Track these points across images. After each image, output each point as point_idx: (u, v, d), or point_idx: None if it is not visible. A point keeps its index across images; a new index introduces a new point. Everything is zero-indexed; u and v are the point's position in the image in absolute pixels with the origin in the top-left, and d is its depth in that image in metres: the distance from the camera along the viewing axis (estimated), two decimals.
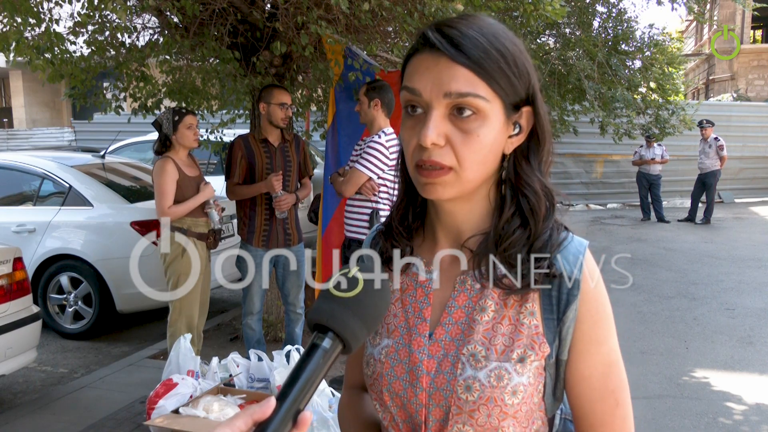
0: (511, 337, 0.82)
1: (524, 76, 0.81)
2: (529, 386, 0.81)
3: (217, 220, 3.73)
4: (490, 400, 0.80)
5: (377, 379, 0.89)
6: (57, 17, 4.27)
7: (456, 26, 0.79)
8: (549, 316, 0.83)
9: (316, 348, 0.67)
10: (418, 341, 0.86)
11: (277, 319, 4.66)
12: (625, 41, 8.79)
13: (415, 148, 0.80)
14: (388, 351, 0.89)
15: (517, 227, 0.84)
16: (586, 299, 0.82)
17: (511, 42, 0.81)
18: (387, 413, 0.89)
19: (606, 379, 0.84)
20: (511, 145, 0.84)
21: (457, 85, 0.77)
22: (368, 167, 3.36)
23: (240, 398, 3.12)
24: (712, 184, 10.57)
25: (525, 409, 0.82)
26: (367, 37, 4.67)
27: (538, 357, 0.82)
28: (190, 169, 3.73)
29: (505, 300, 0.84)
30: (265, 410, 0.63)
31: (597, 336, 0.83)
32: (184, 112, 3.67)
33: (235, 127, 6.02)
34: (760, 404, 3.66)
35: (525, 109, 0.83)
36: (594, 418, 0.84)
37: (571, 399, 0.86)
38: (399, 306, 0.91)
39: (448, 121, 0.79)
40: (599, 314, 0.84)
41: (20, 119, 20.34)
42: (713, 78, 21.62)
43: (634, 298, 5.94)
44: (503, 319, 0.83)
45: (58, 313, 5.15)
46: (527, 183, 0.84)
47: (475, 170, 0.80)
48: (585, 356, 0.83)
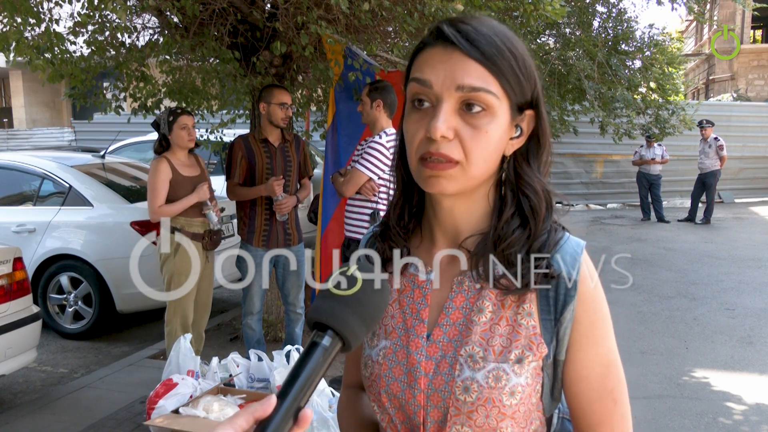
0: (508, 338, 0.82)
1: (531, 79, 0.82)
2: (527, 387, 0.81)
3: (216, 221, 3.71)
4: (489, 401, 0.80)
5: (375, 381, 0.89)
6: (57, 17, 4.27)
7: (469, 23, 0.80)
8: (546, 316, 0.83)
9: (315, 346, 0.68)
10: (416, 342, 0.86)
11: (277, 319, 4.66)
12: (625, 41, 8.79)
13: (422, 140, 0.80)
14: (386, 352, 0.88)
15: (516, 227, 0.84)
16: (584, 300, 0.82)
17: (520, 44, 0.82)
18: (385, 414, 0.89)
19: (604, 379, 0.84)
20: (511, 147, 0.85)
21: (470, 80, 0.77)
22: (368, 167, 3.37)
23: (240, 398, 3.12)
24: (712, 184, 10.58)
25: (523, 409, 0.82)
26: (367, 37, 4.67)
27: (535, 358, 0.82)
28: (188, 169, 3.73)
29: (502, 301, 0.84)
30: (266, 408, 0.63)
31: (595, 336, 0.83)
32: (179, 113, 3.66)
33: (235, 127, 6.02)
34: (760, 404, 3.66)
35: (528, 113, 0.84)
36: (592, 418, 0.84)
37: (569, 399, 0.86)
38: (397, 307, 0.91)
39: (457, 116, 0.79)
40: (597, 314, 0.84)
41: (20, 119, 20.35)
42: (713, 78, 21.62)
43: (634, 298, 5.94)
44: (501, 320, 0.83)
45: (58, 313, 5.15)
46: (529, 183, 0.84)
47: (481, 166, 0.80)
48: (583, 356, 0.83)
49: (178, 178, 3.63)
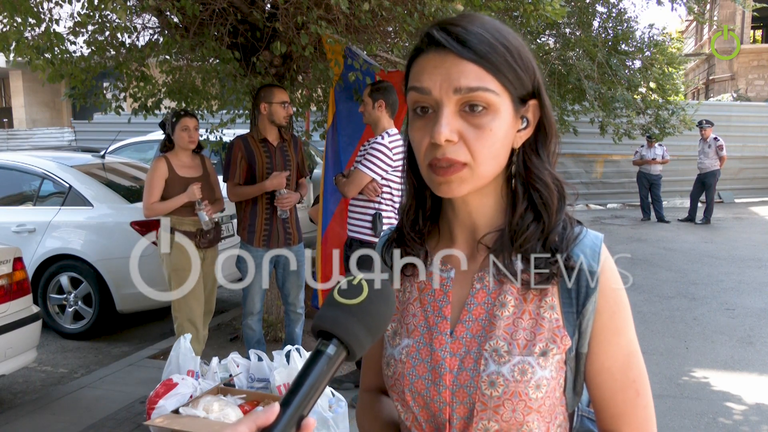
0: (532, 331, 0.83)
1: (529, 69, 0.82)
2: (552, 380, 0.82)
3: (207, 220, 3.74)
4: (515, 395, 0.80)
5: (399, 380, 0.89)
6: (57, 17, 4.27)
7: (459, 24, 0.80)
8: (568, 309, 0.84)
9: (320, 354, 0.68)
10: (439, 339, 0.87)
11: (277, 319, 4.66)
12: (625, 41, 8.78)
13: (428, 147, 0.80)
14: (409, 350, 0.89)
15: (531, 222, 0.85)
16: (605, 291, 0.84)
17: (513, 36, 0.82)
18: (409, 413, 0.89)
19: (626, 370, 0.85)
20: (519, 139, 0.85)
21: (467, 81, 0.77)
22: (371, 168, 3.36)
23: (240, 398, 3.11)
24: (711, 184, 10.57)
25: (548, 403, 0.82)
26: (367, 37, 4.66)
27: (559, 350, 0.82)
28: (188, 170, 3.80)
29: (524, 295, 0.85)
30: (268, 416, 0.63)
31: (617, 327, 0.85)
32: (182, 114, 3.76)
33: (235, 127, 6.02)
34: (760, 404, 3.66)
35: (531, 102, 0.84)
36: (616, 409, 0.85)
37: (592, 391, 0.87)
38: (418, 306, 0.91)
39: (459, 118, 0.79)
40: (618, 305, 0.85)
41: (20, 119, 20.35)
42: (713, 78, 21.63)
43: (634, 298, 5.92)
44: (524, 313, 0.84)
45: (58, 313, 5.15)
46: (538, 176, 0.85)
47: (489, 164, 0.81)
48: (605, 347, 0.84)
49: (174, 177, 3.71)
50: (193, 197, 3.69)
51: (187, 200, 3.69)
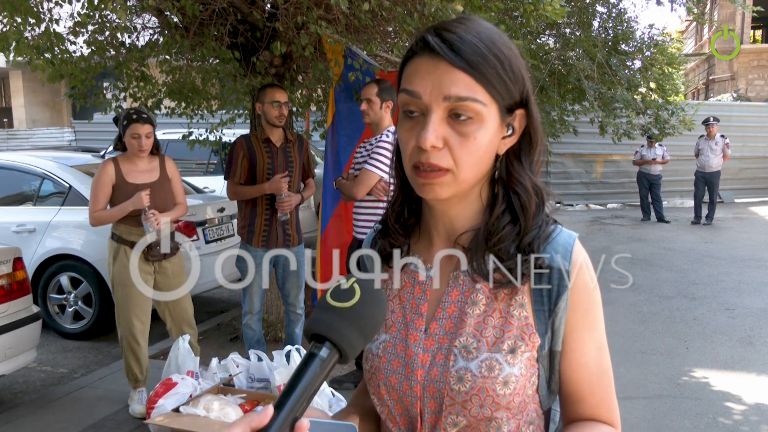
0: (501, 328, 0.85)
1: (519, 81, 0.84)
2: (521, 377, 0.83)
3: (152, 231, 3.37)
4: (482, 390, 0.82)
5: (375, 374, 0.91)
6: (57, 17, 4.27)
7: (455, 30, 0.81)
8: (540, 307, 0.86)
9: (313, 357, 0.68)
10: (414, 336, 0.89)
11: (277, 319, 4.67)
12: (625, 41, 8.79)
13: (414, 149, 0.82)
14: (385, 346, 0.91)
15: (507, 223, 0.87)
16: (577, 289, 0.85)
17: (506, 47, 0.83)
18: (384, 407, 0.91)
19: (600, 362, 0.88)
20: (504, 145, 0.86)
21: (457, 90, 0.79)
22: (379, 167, 3.34)
23: (240, 398, 3.12)
24: (716, 184, 10.50)
25: (518, 400, 0.83)
26: (367, 37, 4.67)
27: (528, 348, 0.84)
28: (140, 174, 3.46)
29: (495, 293, 0.87)
30: (262, 418, 0.64)
31: (590, 323, 0.87)
32: (134, 119, 3.36)
33: (234, 127, 6.02)
34: (759, 404, 3.66)
35: (518, 112, 0.86)
36: (593, 399, 0.88)
37: (569, 386, 0.88)
38: (397, 303, 0.94)
39: (446, 124, 0.81)
40: (590, 302, 0.87)
41: (20, 119, 20.36)
42: (713, 78, 21.62)
43: (634, 298, 5.94)
44: (494, 311, 0.86)
45: (58, 313, 5.15)
46: (519, 181, 0.87)
47: (471, 171, 0.83)
48: (581, 344, 0.86)
49: (121, 183, 3.40)
50: (139, 205, 3.33)
51: (133, 208, 3.34)
